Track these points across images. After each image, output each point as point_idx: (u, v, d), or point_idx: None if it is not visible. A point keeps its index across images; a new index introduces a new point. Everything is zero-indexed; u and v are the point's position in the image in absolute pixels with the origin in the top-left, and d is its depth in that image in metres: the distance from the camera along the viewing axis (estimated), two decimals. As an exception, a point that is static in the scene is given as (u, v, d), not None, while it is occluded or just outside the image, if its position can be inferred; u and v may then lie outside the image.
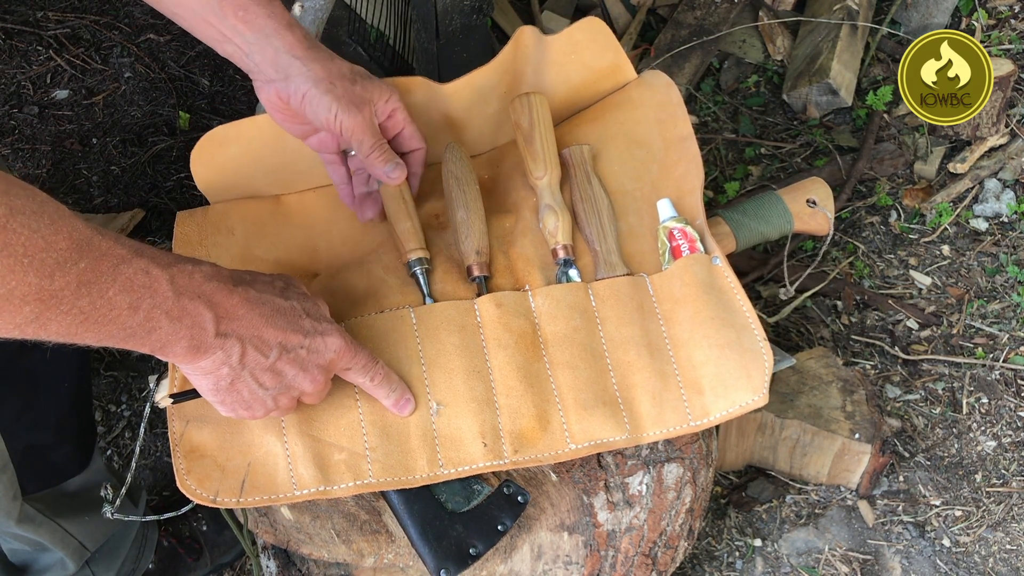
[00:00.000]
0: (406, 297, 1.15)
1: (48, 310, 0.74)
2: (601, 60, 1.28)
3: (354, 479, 1.04)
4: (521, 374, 1.10)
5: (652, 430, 1.10)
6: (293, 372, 0.95)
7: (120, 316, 0.79)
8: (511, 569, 1.10)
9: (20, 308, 0.72)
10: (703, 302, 1.14)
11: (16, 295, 0.71)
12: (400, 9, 1.62)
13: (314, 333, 0.95)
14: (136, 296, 0.80)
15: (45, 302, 0.73)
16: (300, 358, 0.95)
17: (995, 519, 1.47)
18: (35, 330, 0.75)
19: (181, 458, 1.04)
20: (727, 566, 1.45)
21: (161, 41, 2.11)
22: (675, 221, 1.20)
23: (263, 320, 0.91)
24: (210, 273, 0.88)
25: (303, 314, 0.95)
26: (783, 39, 1.97)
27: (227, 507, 1.03)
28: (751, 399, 1.10)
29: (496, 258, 1.21)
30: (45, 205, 0.74)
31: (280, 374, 0.94)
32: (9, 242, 0.70)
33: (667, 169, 1.26)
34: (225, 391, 0.93)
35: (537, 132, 1.23)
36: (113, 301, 0.78)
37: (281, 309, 0.93)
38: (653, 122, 1.28)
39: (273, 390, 0.95)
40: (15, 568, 1.30)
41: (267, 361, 0.92)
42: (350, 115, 1.08)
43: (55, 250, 0.73)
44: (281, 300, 0.94)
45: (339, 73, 1.08)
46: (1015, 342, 1.62)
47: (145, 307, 0.81)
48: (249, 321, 0.90)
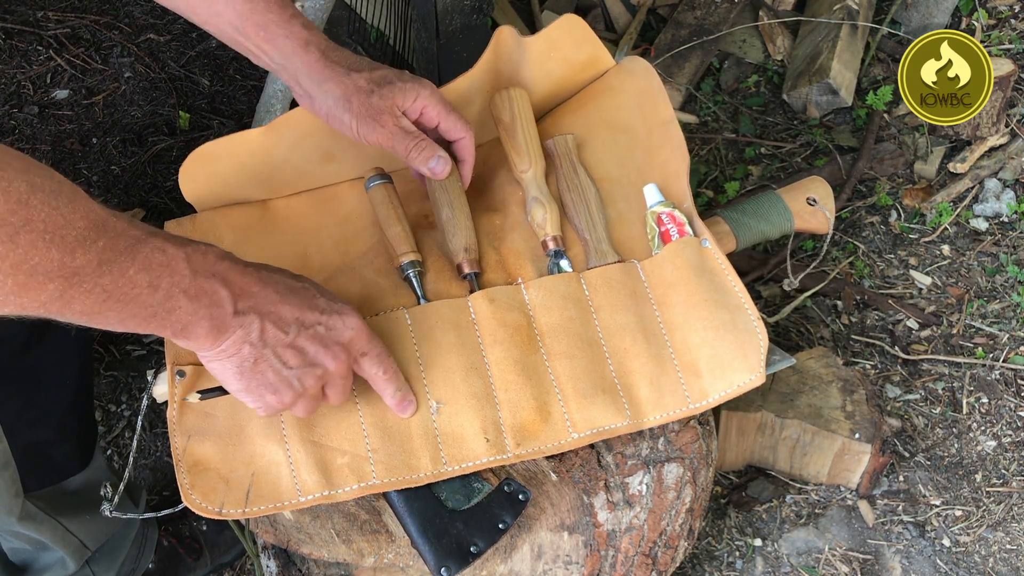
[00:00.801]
0: (400, 299, 1.16)
1: (72, 287, 0.75)
2: (579, 53, 1.29)
3: (358, 481, 1.04)
4: (519, 368, 1.10)
5: (652, 414, 1.10)
6: (314, 348, 0.95)
7: (141, 295, 0.80)
8: (511, 569, 1.10)
9: (44, 285, 0.73)
10: (695, 285, 1.14)
11: (40, 271, 0.72)
12: (400, 9, 1.62)
13: (330, 311, 0.97)
14: (155, 275, 0.81)
15: (68, 279, 0.74)
16: (319, 335, 0.95)
17: (995, 519, 1.47)
18: (60, 308, 0.76)
19: (185, 473, 1.04)
20: (727, 566, 1.45)
21: (161, 41, 2.11)
22: (662, 206, 1.20)
23: (279, 297, 0.92)
24: (222, 253, 0.89)
25: (317, 294, 0.97)
26: (783, 39, 1.97)
27: (233, 518, 1.04)
28: (748, 378, 1.10)
29: (487, 254, 1.21)
30: (63, 185, 0.75)
31: (302, 351, 0.95)
32: (31, 218, 0.71)
33: (651, 154, 1.26)
34: (250, 373, 0.93)
35: (519, 126, 1.23)
36: (134, 280, 0.79)
37: (294, 288, 0.95)
38: (635, 108, 1.28)
39: (297, 369, 0.95)
40: (15, 567, 1.30)
41: (287, 337, 0.93)
42: (371, 129, 1.09)
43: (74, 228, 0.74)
44: (294, 281, 0.95)
45: (355, 87, 1.09)
46: (1015, 342, 1.62)
47: (164, 286, 0.82)
48: (265, 297, 0.91)
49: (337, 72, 1.09)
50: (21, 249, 0.71)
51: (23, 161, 0.73)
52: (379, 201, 1.19)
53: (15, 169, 0.72)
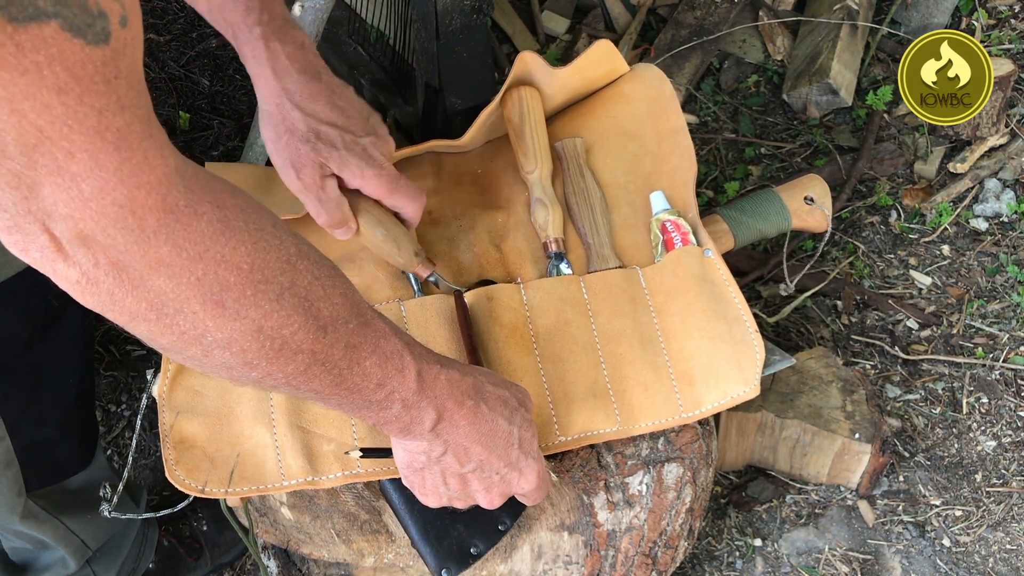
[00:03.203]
0: (397, 292, 1.16)
1: (316, 364, 0.74)
2: (600, 69, 1.30)
3: (342, 469, 1.05)
4: (510, 368, 1.11)
5: (643, 421, 1.11)
6: (477, 488, 0.95)
7: (367, 388, 0.79)
8: (511, 569, 1.10)
9: (295, 356, 0.72)
10: (695, 294, 1.14)
11: (295, 340, 0.71)
12: (400, 9, 1.62)
13: (515, 466, 0.95)
14: (386, 374, 0.80)
15: (316, 355, 0.73)
16: (490, 481, 0.95)
17: (995, 519, 1.47)
18: (299, 382, 0.74)
19: (171, 448, 1.05)
20: (727, 566, 1.46)
21: (161, 41, 2.11)
22: (668, 214, 1.20)
23: (478, 437, 0.91)
24: (454, 380, 0.88)
25: (516, 443, 0.95)
26: (783, 39, 1.97)
27: (215, 497, 1.04)
28: (742, 390, 1.11)
29: (488, 252, 1.21)
30: (324, 259, 0.75)
31: (466, 484, 0.95)
32: (296, 282, 0.70)
33: (660, 162, 1.26)
34: (413, 472, 0.95)
35: (528, 126, 1.24)
36: (367, 372, 0.78)
37: (499, 433, 0.93)
38: (645, 116, 1.29)
39: (453, 493, 0.96)
40: (16, 567, 1.30)
41: (461, 470, 0.93)
42: (286, 175, 1.06)
43: (331, 302, 0.73)
44: (504, 423, 0.93)
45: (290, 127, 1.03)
46: (1015, 342, 1.62)
47: (389, 388, 0.81)
48: (464, 433, 0.90)
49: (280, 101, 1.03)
50: (284, 312, 0.69)
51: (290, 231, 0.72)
52: None
53: (286, 231, 0.71)
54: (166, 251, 0.62)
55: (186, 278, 0.64)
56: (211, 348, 0.68)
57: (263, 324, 0.68)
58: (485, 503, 0.97)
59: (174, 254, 0.62)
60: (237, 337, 0.68)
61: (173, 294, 0.64)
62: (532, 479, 0.97)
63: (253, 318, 0.68)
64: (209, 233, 0.64)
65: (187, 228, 0.63)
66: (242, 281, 0.66)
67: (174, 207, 0.62)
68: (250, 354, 0.69)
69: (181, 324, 0.66)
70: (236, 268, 0.66)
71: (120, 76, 0.56)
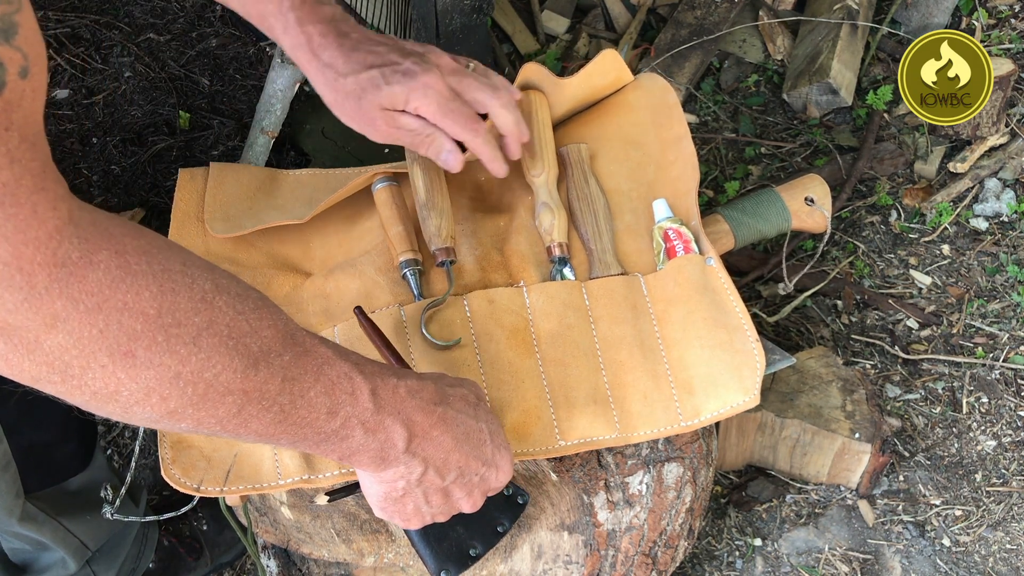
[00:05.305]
0: (397, 296, 1.16)
1: (250, 404, 0.70)
2: (606, 79, 1.30)
3: (339, 468, 1.05)
4: (512, 369, 1.11)
5: (642, 429, 1.11)
6: (460, 495, 0.94)
7: (318, 420, 0.76)
8: (511, 569, 1.10)
9: (223, 398, 0.68)
10: (696, 302, 1.14)
11: (220, 382, 0.67)
12: (400, 9, 1.62)
13: (491, 463, 0.94)
14: (336, 401, 0.77)
15: (248, 394, 0.69)
16: (471, 483, 0.94)
17: (995, 519, 1.47)
18: (236, 426, 0.70)
19: (167, 448, 1.05)
20: (727, 566, 1.46)
21: (161, 41, 2.11)
22: (670, 221, 1.20)
23: (454, 443, 0.89)
24: (414, 389, 0.85)
25: (488, 439, 0.93)
26: (783, 39, 1.97)
27: (210, 496, 1.04)
28: (742, 400, 1.11)
29: (490, 255, 1.21)
30: (249, 291, 0.71)
31: (449, 496, 0.93)
32: (215, 320, 0.66)
33: (663, 170, 1.26)
34: (392, 503, 0.91)
35: (535, 130, 1.24)
36: (313, 403, 0.75)
37: (471, 432, 0.91)
38: (649, 124, 1.29)
39: (436, 510, 0.94)
40: (16, 567, 1.30)
41: (443, 483, 0.91)
42: (370, 132, 1.08)
43: (259, 337, 0.69)
44: (472, 421, 0.91)
45: (345, 92, 1.05)
46: (1015, 342, 1.62)
47: (343, 414, 0.78)
48: (440, 444, 0.87)
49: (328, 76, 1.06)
50: (203, 354, 0.65)
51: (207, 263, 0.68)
52: (383, 202, 1.20)
53: (200, 267, 0.67)
54: (60, 306, 0.58)
55: (87, 332, 0.60)
56: (129, 404, 0.65)
57: (181, 370, 0.64)
58: (468, 508, 0.96)
59: (70, 308, 0.59)
60: (155, 386, 0.64)
61: (76, 350, 0.60)
62: (508, 470, 0.96)
63: (169, 364, 0.64)
64: (107, 282, 0.60)
65: (82, 280, 0.59)
66: (151, 327, 0.62)
67: (66, 260, 0.58)
68: (172, 402, 0.66)
69: (91, 382, 0.62)
70: (142, 314, 0.62)
71: (12, 128, 0.53)
